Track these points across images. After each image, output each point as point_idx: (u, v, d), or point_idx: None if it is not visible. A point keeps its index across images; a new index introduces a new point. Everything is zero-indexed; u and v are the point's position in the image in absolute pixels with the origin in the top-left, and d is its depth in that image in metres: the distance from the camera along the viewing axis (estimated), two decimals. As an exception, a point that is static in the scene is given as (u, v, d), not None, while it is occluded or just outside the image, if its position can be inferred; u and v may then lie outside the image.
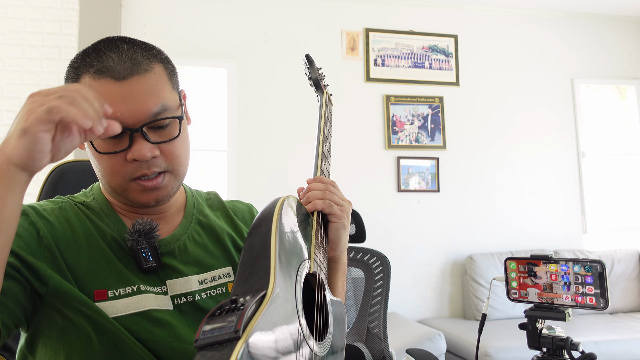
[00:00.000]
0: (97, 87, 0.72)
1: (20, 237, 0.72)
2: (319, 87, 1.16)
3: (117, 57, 0.73)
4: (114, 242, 0.79)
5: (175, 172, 0.80)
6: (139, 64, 0.74)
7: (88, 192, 0.88)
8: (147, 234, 0.78)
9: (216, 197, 0.99)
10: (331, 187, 0.89)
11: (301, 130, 3.49)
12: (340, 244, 0.90)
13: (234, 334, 0.52)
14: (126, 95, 0.72)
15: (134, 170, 0.75)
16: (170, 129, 0.77)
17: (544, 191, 3.89)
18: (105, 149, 0.74)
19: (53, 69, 3.11)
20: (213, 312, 0.57)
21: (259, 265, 0.67)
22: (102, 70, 0.73)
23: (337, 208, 0.87)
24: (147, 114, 0.73)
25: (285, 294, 0.66)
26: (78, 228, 0.78)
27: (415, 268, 3.62)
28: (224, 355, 0.50)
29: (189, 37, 3.41)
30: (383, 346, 1.62)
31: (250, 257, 0.70)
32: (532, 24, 4.03)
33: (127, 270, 0.78)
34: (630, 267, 3.70)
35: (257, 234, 0.72)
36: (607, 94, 4.23)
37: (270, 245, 0.69)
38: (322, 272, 0.82)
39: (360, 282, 1.78)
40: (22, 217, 0.74)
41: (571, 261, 0.91)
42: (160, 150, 0.76)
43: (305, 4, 3.66)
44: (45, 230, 0.75)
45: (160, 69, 0.77)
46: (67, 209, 0.80)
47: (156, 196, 0.79)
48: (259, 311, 0.57)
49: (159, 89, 0.75)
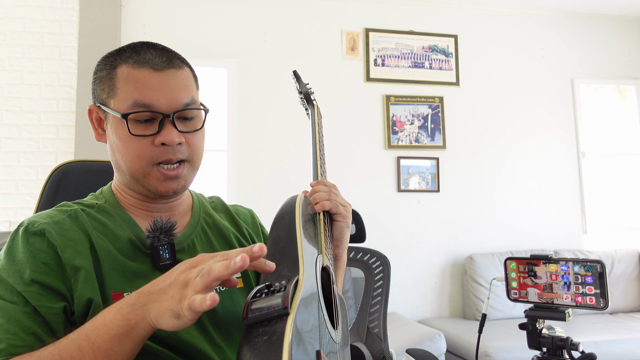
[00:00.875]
0: (136, 75, 0.79)
1: (45, 264, 0.73)
2: (309, 100, 1.23)
3: (155, 53, 0.82)
4: (129, 243, 0.81)
5: (193, 163, 0.85)
6: (173, 61, 0.83)
7: (98, 195, 0.89)
8: (168, 231, 0.81)
9: (219, 200, 1.03)
10: (334, 189, 0.96)
11: (301, 130, 3.49)
12: (343, 241, 0.96)
13: (283, 310, 0.57)
14: (163, 84, 0.80)
15: (160, 155, 0.80)
16: (195, 122, 0.84)
17: (544, 191, 3.89)
18: (136, 131, 0.79)
19: (53, 69, 3.11)
20: (254, 295, 0.61)
21: (287, 255, 0.72)
22: (141, 62, 0.80)
23: (342, 208, 0.94)
24: (179, 103, 0.80)
25: (311, 282, 0.70)
26: (89, 234, 0.78)
27: (415, 268, 3.62)
28: (278, 329, 0.54)
29: (189, 37, 3.41)
30: (383, 346, 1.62)
31: (277, 248, 0.75)
32: (532, 24, 4.03)
33: (142, 270, 0.80)
34: (630, 267, 3.70)
35: (282, 226, 0.78)
36: (607, 94, 4.23)
37: (296, 237, 0.75)
38: (331, 266, 0.86)
39: (360, 282, 1.78)
40: (39, 239, 0.74)
41: (571, 261, 0.91)
42: (185, 139, 0.82)
43: (305, 4, 3.66)
44: (62, 247, 0.75)
45: (189, 72, 0.86)
46: (76, 216, 0.80)
47: (175, 186, 0.83)
48: (297, 293, 0.62)
49: (189, 84, 0.84)
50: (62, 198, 1.08)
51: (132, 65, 0.80)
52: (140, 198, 0.86)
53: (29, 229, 0.75)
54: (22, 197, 3.02)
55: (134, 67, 0.79)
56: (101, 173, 1.13)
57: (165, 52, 0.83)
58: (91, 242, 0.77)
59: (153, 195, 0.84)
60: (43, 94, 3.09)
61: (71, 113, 3.11)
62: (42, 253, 0.73)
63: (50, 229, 0.75)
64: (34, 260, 0.72)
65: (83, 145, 3.04)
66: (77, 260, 0.74)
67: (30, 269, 0.72)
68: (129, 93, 0.79)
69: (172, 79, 0.80)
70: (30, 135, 3.06)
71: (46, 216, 0.79)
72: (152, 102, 0.78)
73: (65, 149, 3.08)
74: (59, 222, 0.78)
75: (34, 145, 3.06)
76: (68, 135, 3.09)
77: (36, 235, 0.74)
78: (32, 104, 3.08)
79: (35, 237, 0.74)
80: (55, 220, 0.78)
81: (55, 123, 3.09)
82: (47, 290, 0.72)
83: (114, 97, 0.80)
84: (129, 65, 0.80)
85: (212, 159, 3.43)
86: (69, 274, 0.73)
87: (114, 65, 0.81)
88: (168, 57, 0.82)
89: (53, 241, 0.74)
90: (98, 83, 0.83)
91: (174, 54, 0.84)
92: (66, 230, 0.77)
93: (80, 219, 0.80)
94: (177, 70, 0.82)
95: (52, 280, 0.72)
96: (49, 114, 3.09)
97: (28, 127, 3.06)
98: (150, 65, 0.79)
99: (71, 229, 0.77)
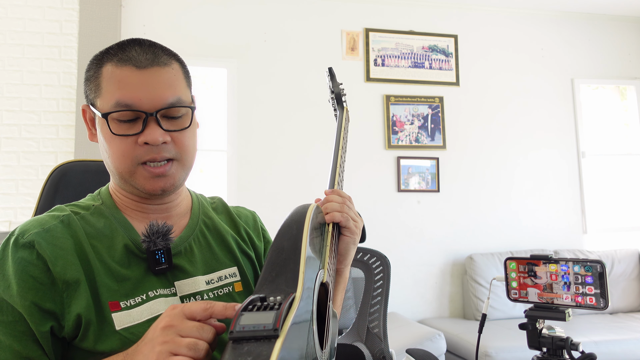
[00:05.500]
0: (118, 74, 0.77)
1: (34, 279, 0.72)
2: (340, 102, 1.18)
3: (140, 49, 0.79)
4: (124, 249, 0.79)
5: (183, 162, 0.82)
6: (159, 57, 0.79)
7: (96, 196, 0.87)
8: (164, 236, 0.79)
9: (220, 201, 1.01)
10: (348, 202, 0.92)
11: (301, 130, 3.50)
12: (348, 257, 0.93)
13: (273, 332, 0.54)
14: (145, 82, 0.77)
15: (144, 154, 0.78)
16: (183, 120, 0.81)
17: (544, 191, 3.89)
18: (119, 131, 0.77)
19: (53, 69, 3.11)
20: (245, 307, 0.58)
21: (288, 268, 0.69)
22: (124, 59, 0.77)
23: (352, 223, 0.90)
24: (163, 102, 0.78)
25: (307, 299, 0.67)
26: (81, 242, 0.77)
27: (415, 268, 3.62)
28: (264, 352, 0.51)
29: (189, 37, 3.41)
30: (383, 346, 1.62)
31: (279, 258, 0.71)
32: (532, 23, 4.03)
33: (136, 277, 0.78)
34: (630, 267, 3.70)
35: (288, 237, 0.74)
36: (607, 94, 4.23)
37: (300, 251, 0.71)
38: (331, 282, 0.83)
39: (360, 282, 1.78)
40: (28, 251, 0.72)
41: (571, 261, 0.91)
42: (171, 138, 0.79)
43: (305, 4, 3.66)
44: (52, 260, 0.73)
45: (178, 67, 0.82)
46: (69, 222, 0.79)
47: (163, 184, 0.80)
48: (290, 313, 0.58)
49: (176, 82, 0.80)
50: (61, 198, 1.08)
51: (116, 63, 0.78)
52: (134, 199, 0.84)
53: (18, 241, 0.73)
54: (22, 197, 3.02)
55: (117, 65, 0.77)
56: (101, 173, 1.13)
57: (152, 48, 0.80)
58: (83, 251, 0.76)
59: (144, 195, 0.82)
60: (43, 94, 3.09)
61: (71, 113, 3.11)
62: (31, 266, 0.72)
63: (41, 240, 0.73)
64: (22, 275, 0.71)
65: (83, 145, 3.04)
66: (68, 274, 0.72)
67: (18, 285, 0.70)
68: (112, 93, 0.77)
69: (155, 77, 0.78)
70: (30, 135, 3.06)
71: (37, 224, 0.76)
72: (134, 102, 0.76)
73: (65, 149, 3.08)
74: (49, 229, 0.76)
75: (34, 145, 3.06)
76: (68, 135, 3.09)
77: (25, 247, 0.73)
78: (32, 104, 3.08)
79: (24, 249, 0.72)
80: (46, 228, 0.75)
81: (55, 123, 3.09)
82: (35, 309, 0.70)
83: (100, 97, 0.79)
84: (112, 64, 0.78)
85: (212, 159, 3.43)
86: (60, 288, 0.72)
87: (100, 64, 0.80)
88: (153, 53, 0.79)
89: (43, 254, 0.72)
90: (87, 83, 0.82)
91: (162, 50, 0.81)
92: (57, 238, 0.75)
93: (73, 225, 0.78)
94: (162, 68, 0.79)
95: (41, 297, 0.71)
96: (49, 114, 3.09)
97: (28, 127, 3.06)
98: (133, 63, 0.77)
99: (63, 237, 0.76)
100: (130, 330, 0.74)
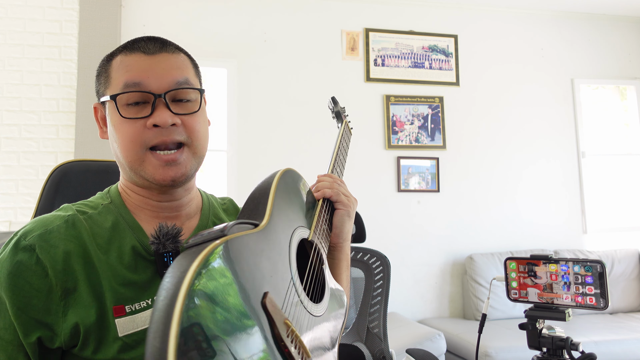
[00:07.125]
0: (127, 60, 0.78)
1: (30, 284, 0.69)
2: (340, 118, 1.27)
3: (149, 40, 0.81)
4: (131, 251, 0.77)
5: (194, 148, 0.80)
6: (167, 46, 0.81)
7: (105, 195, 0.85)
8: (174, 238, 0.77)
9: (231, 202, 1.00)
10: (339, 181, 0.97)
11: (301, 130, 3.50)
12: (343, 230, 0.95)
13: (220, 233, 0.58)
14: (154, 65, 0.78)
15: (153, 137, 0.76)
16: (192, 104, 0.81)
17: (544, 191, 3.89)
18: (128, 114, 0.77)
19: (53, 69, 3.11)
20: None
21: (257, 211, 0.74)
22: (133, 48, 0.79)
23: (343, 197, 0.94)
24: (170, 82, 0.78)
25: (280, 236, 0.71)
26: (85, 244, 0.74)
27: (415, 268, 3.62)
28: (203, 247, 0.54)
29: (189, 37, 3.41)
30: (383, 346, 1.62)
31: (252, 204, 0.77)
32: (532, 23, 4.03)
33: (143, 280, 0.76)
34: (630, 267, 3.70)
35: (259, 187, 0.81)
36: (607, 94, 4.23)
37: (269, 193, 0.77)
38: (323, 249, 0.86)
39: (360, 282, 1.78)
40: (28, 254, 0.70)
41: (571, 261, 0.91)
42: (181, 121, 0.78)
43: (305, 4, 3.66)
44: (52, 265, 0.71)
45: (186, 58, 0.84)
46: (73, 223, 0.76)
47: (174, 173, 0.78)
48: (250, 230, 0.63)
49: (184, 67, 0.81)
50: (61, 198, 1.08)
51: (125, 53, 0.79)
52: (144, 194, 0.81)
53: (19, 243, 0.71)
54: (22, 197, 3.02)
55: (126, 54, 0.79)
56: (101, 173, 1.13)
57: (160, 40, 0.82)
58: (87, 253, 0.73)
59: (154, 187, 0.80)
60: (43, 94, 3.09)
61: (71, 113, 3.11)
62: (28, 271, 0.69)
63: (43, 243, 0.71)
64: (17, 280, 0.69)
65: (83, 145, 3.04)
66: (69, 281, 0.70)
67: (11, 291, 0.69)
68: (121, 78, 0.77)
69: (164, 61, 0.79)
70: (30, 135, 3.06)
71: (42, 224, 0.74)
72: (142, 80, 0.76)
73: (65, 149, 3.08)
74: (53, 231, 0.73)
75: (34, 145, 3.06)
76: (68, 135, 3.09)
77: (25, 250, 0.70)
78: (32, 104, 3.08)
79: (24, 252, 0.70)
80: (49, 230, 0.73)
81: (55, 123, 3.09)
82: (25, 318, 0.69)
83: (109, 87, 0.79)
84: (122, 54, 0.79)
85: (212, 159, 3.43)
86: (57, 296, 0.70)
87: (110, 59, 0.81)
88: (162, 43, 0.81)
89: (43, 259, 0.70)
90: (98, 78, 0.83)
91: (170, 42, 0.83)
92: (61, 240, 0.72)
93: (78, 225, 0.75)
94: (171, 54, 0.80)
95: (32, 305, 0.69)
96: (49, 114, 3.09)
97: (28, 127, 3.06)
98: (141, 50, 0.79)
99: (66, 239, 0.73)
100: (133, 337, 0.72)
